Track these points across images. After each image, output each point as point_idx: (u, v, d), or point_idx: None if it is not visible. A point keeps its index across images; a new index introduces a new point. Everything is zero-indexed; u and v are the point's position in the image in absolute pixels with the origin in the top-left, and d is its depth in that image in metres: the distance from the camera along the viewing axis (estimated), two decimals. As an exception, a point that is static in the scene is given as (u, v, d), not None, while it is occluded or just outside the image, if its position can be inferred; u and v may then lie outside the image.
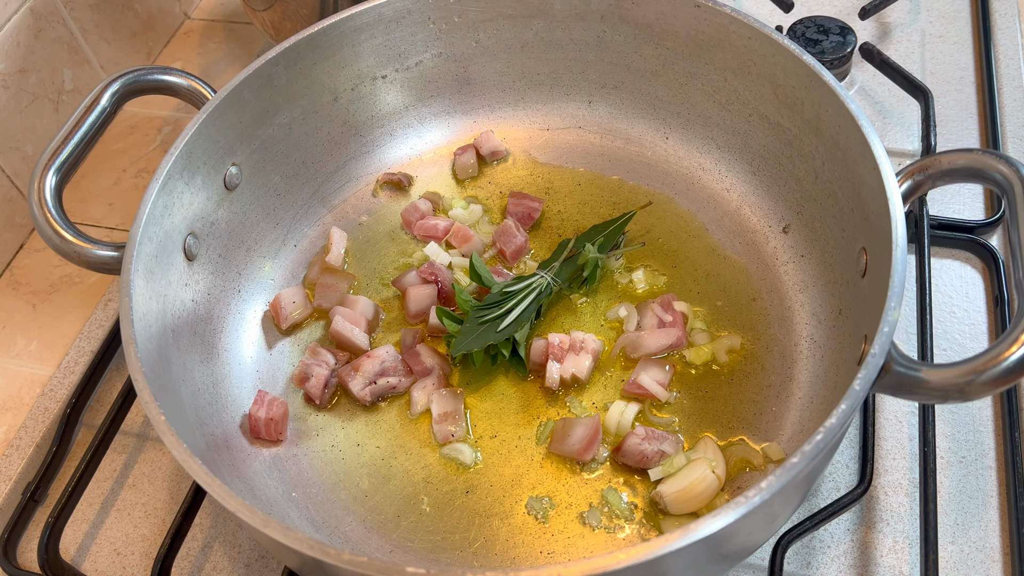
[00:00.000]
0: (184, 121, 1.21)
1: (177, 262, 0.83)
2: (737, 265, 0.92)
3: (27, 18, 1.06)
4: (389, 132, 1.04)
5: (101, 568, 0.83)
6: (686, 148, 1.00)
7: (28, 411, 0.93)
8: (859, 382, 0.61)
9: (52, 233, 0.78)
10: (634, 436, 0.78)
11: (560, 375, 0.84)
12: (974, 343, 0.89)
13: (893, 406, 0.85)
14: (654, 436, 0.79)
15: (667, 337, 0.85)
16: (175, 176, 0.82)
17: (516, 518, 0.78)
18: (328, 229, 0.99)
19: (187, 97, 0.90)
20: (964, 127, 1.06)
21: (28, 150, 1.09)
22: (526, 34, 1.00)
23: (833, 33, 1.10)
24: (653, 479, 0.77)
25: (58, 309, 1.03)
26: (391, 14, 0.95)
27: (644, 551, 0.54)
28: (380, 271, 0.97)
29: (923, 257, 0.90)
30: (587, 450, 0.79)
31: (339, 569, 0.57)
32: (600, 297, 0.92)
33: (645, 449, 0.78)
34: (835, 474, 0.82)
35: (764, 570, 0.76)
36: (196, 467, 0.62)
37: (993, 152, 0.70)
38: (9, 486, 0.88)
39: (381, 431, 0.85)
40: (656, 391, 0.83)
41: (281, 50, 0.90)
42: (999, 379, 0.59)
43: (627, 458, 0.79)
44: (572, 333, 0.86)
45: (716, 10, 0.88)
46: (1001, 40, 1.14)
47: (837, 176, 0.82)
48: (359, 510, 0.80)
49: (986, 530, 0.77)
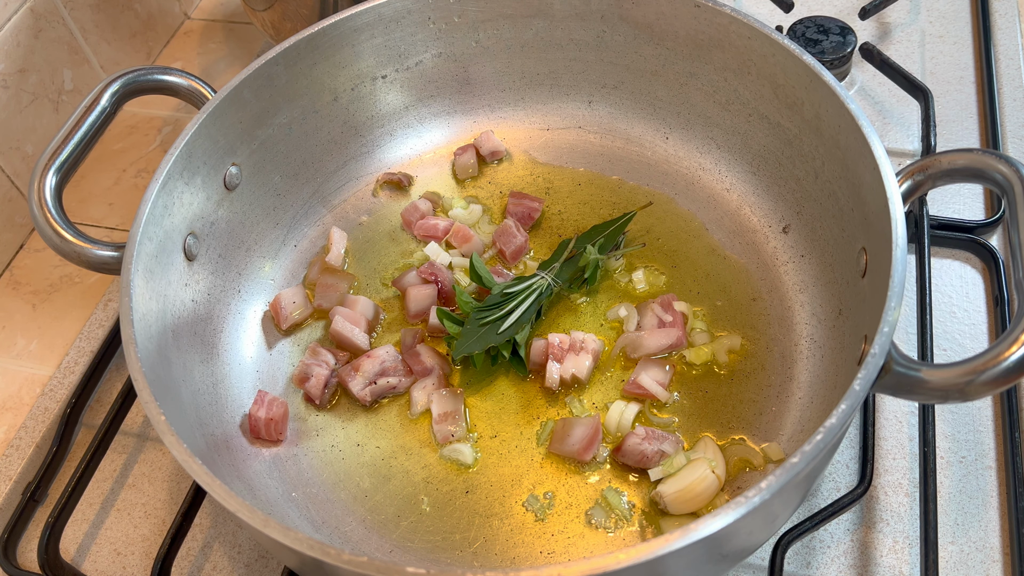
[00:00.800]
0: (184, 121, 1.21)
1: (177, 262, 0.83)
2: (737, 265, 0.92)
3: (27, 18, 1.06)
4: (389, 132, 1.04)
5: (101, 568, 0.83)
6: (686, 148, 1.00)
7: (28, 411, 0.93)
8: (859, 382, 0.61)
9: (52, 233, 0.78)
10: (634, 436, 0.78)
11: (560, 375, 0.84)
12: (974, 343, 0.89)
13: (893, 406, 0.85)
14: (654, 436, 0.79)
15: (667, 337, 0.85)
16: (175, 176, 0.82)
17: (516, 518, 0.78)
18: (328, 229, 0.99)
19: (187, 97, 0.90)
20: (964, 127, 1.06)
21: (28, 150, 1.09)
22: (526, 34, 1.00)
23: (833, 33, 1.10)
24: (653, 479, 0.77)
25: (58, 309, 1.03)
26: (391, 14, 0.95)
27: (644, 551, 0.54)
28: (380, 271, 0.97)
29: (923, 257, 0.90)
30: (587, 450, 0.79)
31: (339, 569, 0.57)
32: (600, 297, 0.92)
33: (645, 449, 0.78)
34: (835, 474, 0.82)
35: (764, 570, 0.76)
36: (196, 467, 0.62)
37: (993, 152, 0.70)
38: (9, 486, 0.88)
39: (381, 431, 0.85)
40: (656, 391, 0.83)
41: (281, 50, 0.90)
42: (999, 379, 0.59)
43: (627, 458, 0.79)
44: (572, 333, 0.86)
45: (716, 10, 0.88)
46: (1001, 40, 1.14)
47: (837, 176, 0.82)
48: (359, 510, 0.80)
49: (986, 530, 0.77)
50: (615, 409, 0.82)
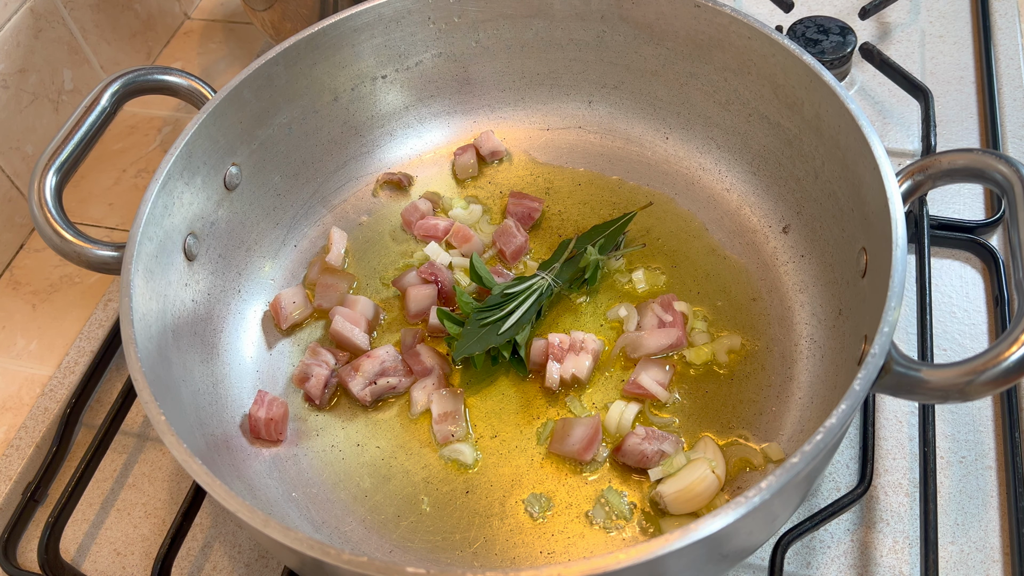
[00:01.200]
0: (184, 121, 1.21)
1: (177, 262, 0.83)
2: (737, 265, 0.92)
3: (27, 18, 1.06)
4: (389, 132, 1.04)
5: (101, 568, 0.83)
6: (686, 148, 1.00)
7: (28, 411, 0.93)
8: (859, 382, 0.61)
9: (52, 233, 0.78)
10: (634, 436, 0.78)
11: (560, 375, 0.84)
12: (974, 343, 0.89)
13: (893, 406, 0.85)
14: (654, 436, 0.79)
15: (667, 337, 0.85)
16: (175, 176, 0.82)
17: (516, 518, 0.78)
18: (328, 229, 0.99)
19: (187, 97, 0.90)
20: (964, 127, 1.06)
21: (28, 150, 1.09)
22: (526, 34, 1.00)
23: (833, 33, 1.10)
24: (653, 479, 0.77)
25: (58, 309, 1.03)
26: (391, 14, 0.95)
27: (644, 551, 0.54)
28: (380, 271, 0.97)
29: (923, 257, 0.90)
30: (587, 450, 0.79)
31: (339, 569, 0.57)
32: (600, 297, 0.92)
33: (645, 449, 0.78)
34: (835, 474, 0.82)
35: (764, 570, 0.76)
36: (196, 467, 0.62)
37: (993, 152, 0.70)
38: (9, 486, 0.88)
39: (381, 431, 0.85)
40: (656, 391, 0.83)
41: (281, 50, 0.90)
42: (999, 379, 0.59)
43: (627, 458, 0.79)
44: (572, 333, 0.86)
45: (716, 10, 0.88)
46: (1001, 40, 1.14)
47: (837, 176, 0.82)
48: (359, 510, 0.80)
49: (986, 530, 0.77)
50: (615, 409, 0.82)
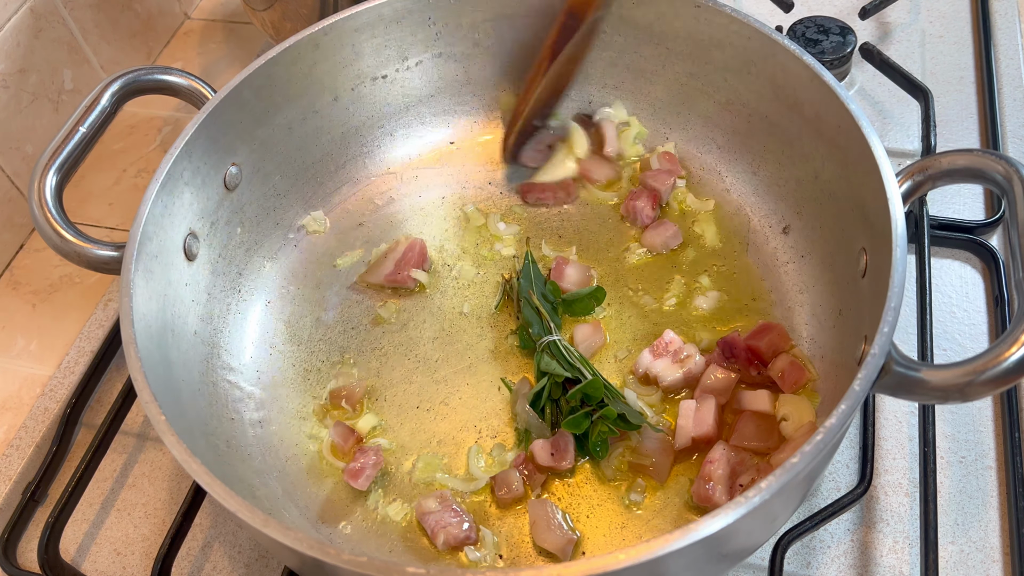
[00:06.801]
0: (184, 121, 1.21)
1: (177, 262, 0.83)
2: (737, 265, 0.92)
3: (27, 18, 1.06)
4: (389, 132, 1.04)
5: (101, 568, 0.83)
6: (686, 148, 1.00)
7: (28, 411, 0.93)
8: (859, 382, 0.61)
9: (52, 233, 0.78)
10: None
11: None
12: (974, 343, 0.89)
13: (893, 406, 0.85)
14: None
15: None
16: (175, 176, 0.82)
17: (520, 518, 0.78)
18: (328, 229, 0.99)
19: (187, 97, 0.89)
20: (964, 127, 1.06)
21: (28, 150, 1.09)
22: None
23: (833, 33, 1.10)
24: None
25: (58, 309, 1.03)
26: (391, 14, 0.95)
27: (644, 551, 0.54)
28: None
29: (923, 257, 0.90)
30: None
31: (339, 569, 0.57)
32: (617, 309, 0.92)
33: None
34: (835, 474, 0.82)
35: (764, 570, 0.76)
36: (196, 467, 0.62)
37: (993, 152, 0.70)
38: (9, 486, 0.88)
39: (381, 430, 0.85)
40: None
41: (281, 50, 0.90)
42: (999, 379, 0.59)
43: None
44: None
45: (716, 10, 0.88)
46: (1001, 40, 1.14)
47: (837, 176, 0.82)
48: (359, 510, 0.80)
49: (986, 530, 0.77)
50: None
